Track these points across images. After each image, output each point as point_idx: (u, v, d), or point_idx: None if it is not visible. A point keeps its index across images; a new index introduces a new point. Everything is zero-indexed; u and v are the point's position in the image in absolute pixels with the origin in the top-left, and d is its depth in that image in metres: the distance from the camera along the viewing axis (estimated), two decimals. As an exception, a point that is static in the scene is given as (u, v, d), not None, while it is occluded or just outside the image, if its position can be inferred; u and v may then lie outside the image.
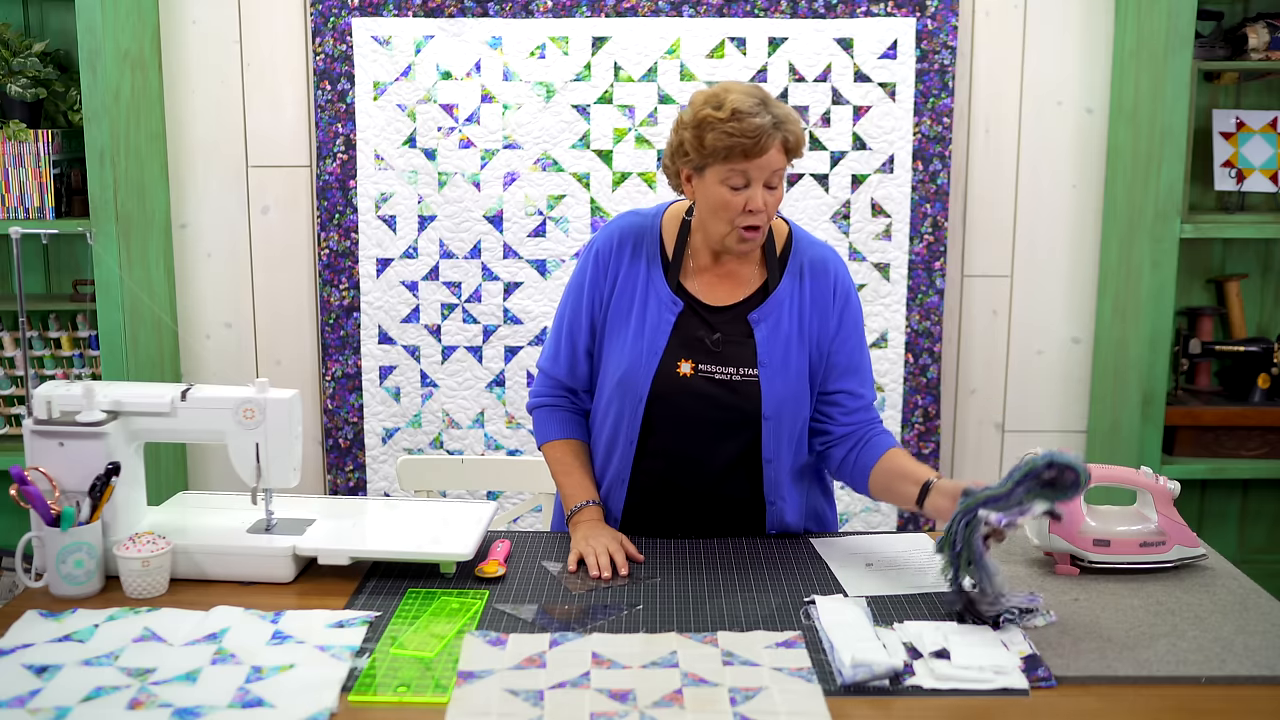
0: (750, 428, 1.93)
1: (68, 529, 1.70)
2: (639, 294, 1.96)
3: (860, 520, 3.20)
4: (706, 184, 1.85)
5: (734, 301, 1.96)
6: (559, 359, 2.05)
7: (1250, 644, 1.55)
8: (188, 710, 1.37)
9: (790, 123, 1.81)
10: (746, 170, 1.80)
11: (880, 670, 1.43)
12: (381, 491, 3.19)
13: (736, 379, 1.92)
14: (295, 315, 3.20)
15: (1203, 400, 3.05)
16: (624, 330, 1.96)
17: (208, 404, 1.81)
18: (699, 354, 1.93)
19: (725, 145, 1.78)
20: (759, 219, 1.84)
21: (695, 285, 1.96)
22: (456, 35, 3.03)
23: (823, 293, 1.96)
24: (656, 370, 1.92)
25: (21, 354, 2.97)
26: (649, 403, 1.93)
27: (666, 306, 1.94)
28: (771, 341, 1.93)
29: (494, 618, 1.65)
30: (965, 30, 3.07)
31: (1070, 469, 1.59)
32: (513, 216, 3.09)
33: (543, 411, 2.08)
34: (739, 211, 1.83)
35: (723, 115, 1.78)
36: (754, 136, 1.77)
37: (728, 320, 1.94)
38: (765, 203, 1.82)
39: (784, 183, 1.89)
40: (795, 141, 1.82)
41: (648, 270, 1.96)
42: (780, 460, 1.96)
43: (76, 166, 2.94)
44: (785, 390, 1.92)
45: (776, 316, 1.94)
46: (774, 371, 1.92)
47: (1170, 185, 2.81)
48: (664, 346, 1.93)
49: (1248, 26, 2.88)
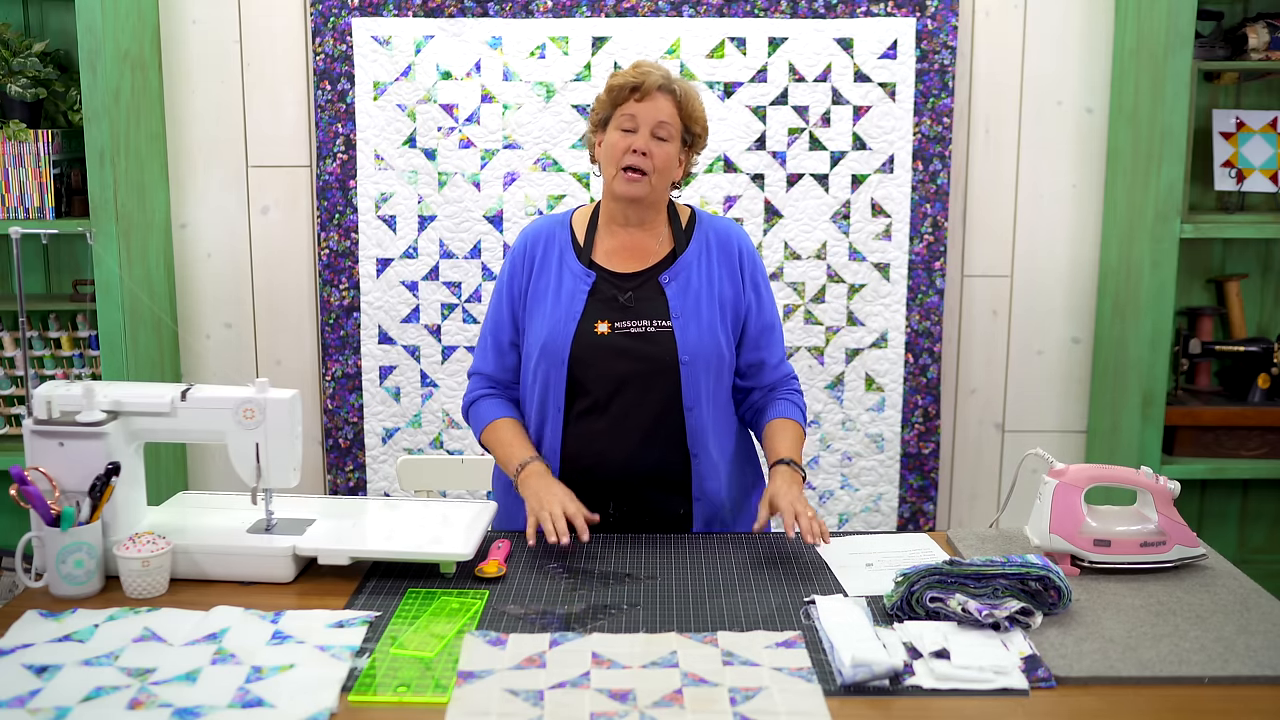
0: (669, 375, 2.03)
1: (68, 529, 1.70)
2: (553, 275, 2.10)
3: (860, 520, 3.20)
4: (607, 138, 2.05)
5: (643, 269, 2.09)
6: (487, 356, 2.17)
7: (1252, 644, 1.55)
8: (188, 710, 1.37)
9: (681, 82, 2.04)
10: (635, 114, 2.00)
11: (880, 670, 1.43)
12: (381, 491, 3.19)
13: (652, 330, 2.04)
14: (295, 315, 3.20)
15: (1203, 400, 3.05)
16: (542, 306, 2.08)
17: (208, 404, 1.81)
18: (614, 313, 2.05)
19: (617, 84, 2.02)
20: (642, 161, 2.00)
21: (606, 260, 2.10)
22: (456, 35, 3.03)
23: (729, 259, 2.11)
24: (575, 332, 2.04)
25: (21, 354, 2.97)
26: (571, 365, 2.04)
27: (580, 279, 2.08)
28: (683, 296, 2.06)
29: (494, 618, 1.65)
30: (965, 30, 3.07)
31: (1055, 591, 1.63)
32: (513, 216, 3.09)
33: (476, 405, 2.18)
34: (626, 151, 2.00)
35: (625, 69, 2.06)
36: (641, 78, 2.00)
37: (639, 284, 2.08)
38: (651, 150, 2.00)
39: (678, 144, 2.05)
40: (683, 94, 2.02)
41: (560, 254, 2.11)
42: (700, 409, 2.05)
43: (76, 166, 2.94)
44: (699, 338, 2.04)
45: (686, 276, 2.08)
46: (687, 320, 2.04)
47: (1170, 185, 2.81)
48: (581, 311, 2.05)
49: (1248, 26, 2.88)
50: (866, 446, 3.17)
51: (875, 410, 3.16)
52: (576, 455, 2.07)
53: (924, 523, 3.19)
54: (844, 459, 3.18)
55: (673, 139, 2.03)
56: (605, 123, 2.06)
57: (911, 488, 3.19)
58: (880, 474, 3.18)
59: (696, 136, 2.07)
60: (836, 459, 3.18)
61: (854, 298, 3.11)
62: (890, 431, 3.16)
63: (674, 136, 2.03)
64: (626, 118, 2.01)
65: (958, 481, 3.26)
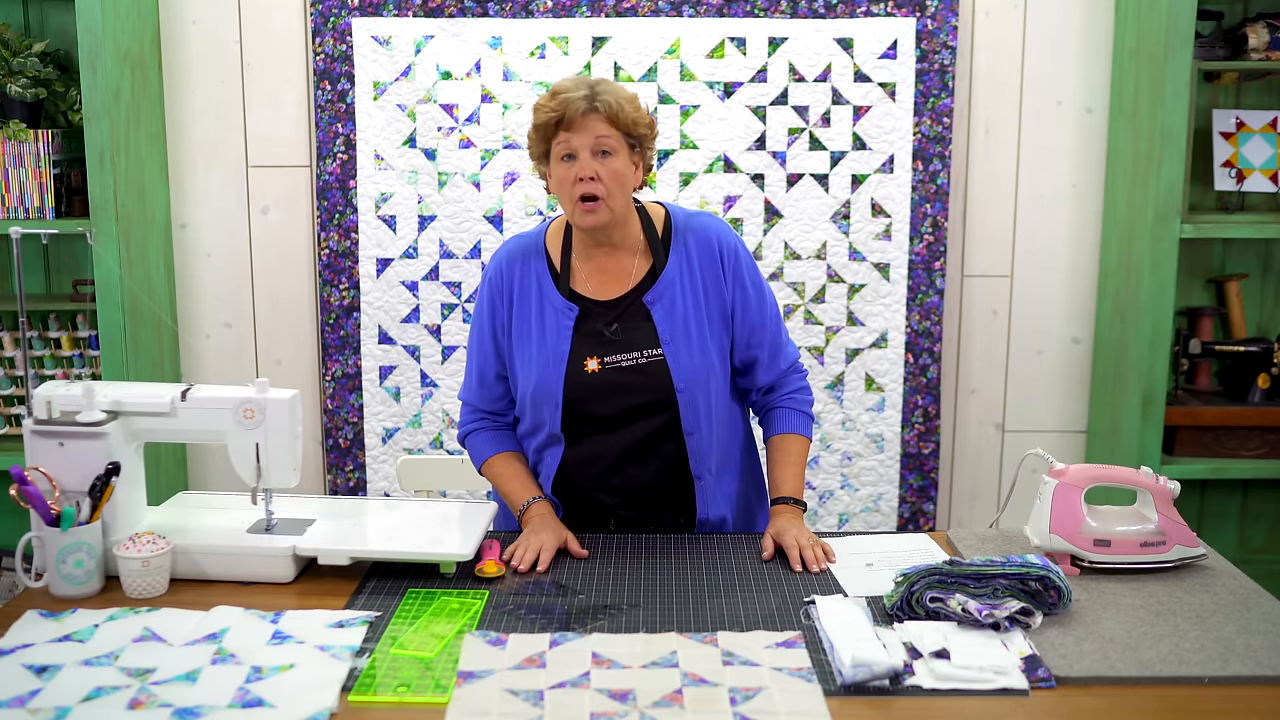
0: (667, 405, 1.98)
1: (68, 529, 1.70)
2: (534, 309, 2.02)
3: (860, 520, 3.20)
4: (553, 171, 1.96)
5: (626, 292, 2.02)
6: (473, 388, 2.12)
7: (1252, 644, 1.55)
8: (188, 710, 1.37)
9: (606, 93, 1.91)
10: (569, 140, 1.91)
11: (880, 670, 1.43)
12: (381, 491, 3.19)
13: (643, 361, 1.98)
14: (295, 315, 3.20)
15: (1203, 400, 3.05)
16: (528, 346, 2.02)
17: (208, 404, 1.81)
18: (602, 347, 1.99)
19: (543, 121, 1.92)
20: (593, 187, 1.91)
21: (586, 287, 2.03)
22: (456, 35, 3.03)
23: (710, 259, 2.02)
24: (565, 374, 1.98)
25: (21, 354, 2.97)
26: (565, 406, 1.99)
27: (563, 314, 2.00)
28: (670, 319, 1.99)
29: (494, 618, 1.65)
30: (965, 30, 3.07)
31: (1055, 591, 1.63)
32: (513, 216, 3.09)
33: (472, 438, 2.14)
34: (573, 183, 1.91)
35: (545, 97, 1.94)
36: (562, 109, 1.90)
37: (623, 311, 2.01)
38: (597, 172, 1.90)
39: (625, 153, 1.94)
40: (611, 107, 1.90)
41: (539, 285, 2.03)
42: (701, 432, 2.00)
43: (76, 166, 2.94)
44: (692, 362, 1.98)
45: (670, 295, 2.00)
46: (678, 346, 1.98)
47: (1170, 185, 2.80)
48: (568, 350, 1.99)
49: (1248, 26, 2.88)
50: (866, 446, 3.17)
51: (875, 410, 3.16)
52: (578, 479, 2.04)
53: (924, 523, 3.19)
54: (844, 459, 3.18)
55: (617, 151, 1.92)
56: (545, 155, 1.96)
57: (911, 488, 3.19)
58: (880, 474, 3.18)
59: (642, 136, 1.97)
60: (836, 459, 3.18)
61: (854, 298, 3.11)
62: (890, 431, 3.16)
63: (617, 148, 1.92)
64: (562, 145, 1.91)
65: (958, 481, 3.26)
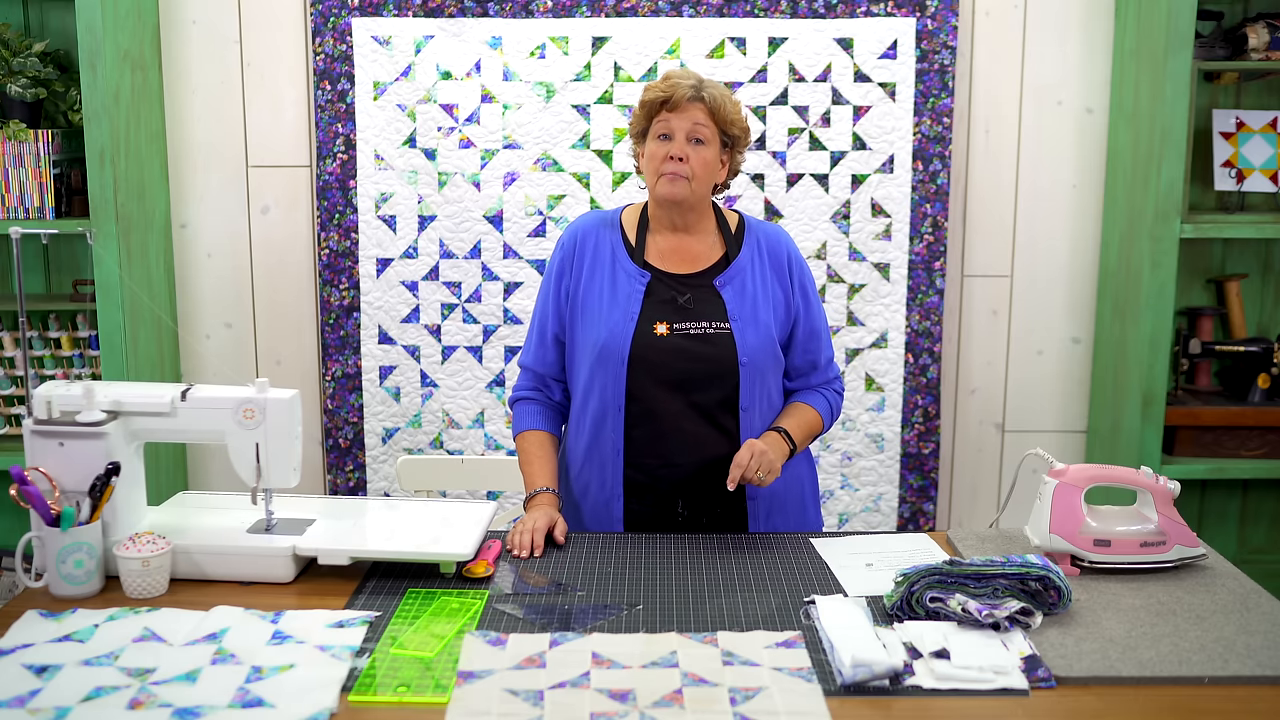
0: (729, 377, 2.06)
1: (68, 529, 1.70)
2: (606, 273, 2.12)
3: (860, 520, 3.20)
4: (647, 149, 2.10)
5: (697, 271, 2.12)
6: (531, 349, 2.20)
7: (1252, 644, 1.55)
8: (188, 710, 1.37)
9: (713, 88, 2.06)
10: (669, 120, 2.05)
11: (880, 670, 1.43)
12: (381, 491, 3.19)
13: (711, 332, 2.07)
14: (295, 315, 3.20)
15: (1203, 400, 3.05)
16: (598, 307, 2.10)
17: (208, 404, 1.81)
18: (673, 314, 2.07)
19: (651, 98, 2.07)
20: (680, 166, 2.04)
21: (659, 261, 2.13)
22: (456, 35, 3.03)
23: (778, 261, 2.15)
24: (634, 333, 2.05)
25: (21, 354, 2.97)
26: (630, 366, 2.05)
27: (635, 279, 2.10)
28: (739, 300, 2.10)
29: (494, 618, 1.65)
30: (965, 30, 3.07)
31: (1055, 591, 1.63)
32: (513, 216, 3.09)
33: (521, 405, 2.22)
34: (664, 159, 2.05)
35: (657, 80, 2.11)
36: (670, 91, 2.05)
37: (695, 286, 2.10)
38: (687, 154, 2.04)
39: (717, 147, 2.08)
40: (715, 100, 2.05)
41: (613, 253, 2.13)
42: (756, 409, 2.09)
43: (76, 166, 2.94)
44: (757, 340, 2.08)
45: (740, 280, 2.11)
46: (745, 323, 2.08)
47: (1170, 185, 2.80)
48: (639, 312, 2.07)
49: (1248, 26, 2.88)
50: (866, 446, 3.17)
51: (875, 410, 3.16)
52: (640, 455, 2.09)
53: (924, 523, 3.19)
54: (844, 459, 3.18)
55: (710, 143, 2.06)
56: (644, 134, 2.10)
57: (911, 488, 3.19)
58: (880, 474, 3.18)
59: (735, 138, 2.11)
60: (836, 459, 3.18)
61: (854, 298, 3.12)
62: (890, 431, 3.16)
63: (711, 140, 2.06)
64: (662, 124, 2.05)
65: (958, 481, 3.26)
